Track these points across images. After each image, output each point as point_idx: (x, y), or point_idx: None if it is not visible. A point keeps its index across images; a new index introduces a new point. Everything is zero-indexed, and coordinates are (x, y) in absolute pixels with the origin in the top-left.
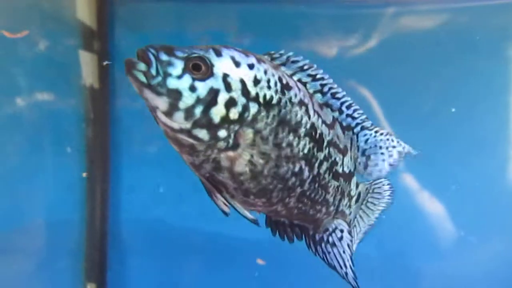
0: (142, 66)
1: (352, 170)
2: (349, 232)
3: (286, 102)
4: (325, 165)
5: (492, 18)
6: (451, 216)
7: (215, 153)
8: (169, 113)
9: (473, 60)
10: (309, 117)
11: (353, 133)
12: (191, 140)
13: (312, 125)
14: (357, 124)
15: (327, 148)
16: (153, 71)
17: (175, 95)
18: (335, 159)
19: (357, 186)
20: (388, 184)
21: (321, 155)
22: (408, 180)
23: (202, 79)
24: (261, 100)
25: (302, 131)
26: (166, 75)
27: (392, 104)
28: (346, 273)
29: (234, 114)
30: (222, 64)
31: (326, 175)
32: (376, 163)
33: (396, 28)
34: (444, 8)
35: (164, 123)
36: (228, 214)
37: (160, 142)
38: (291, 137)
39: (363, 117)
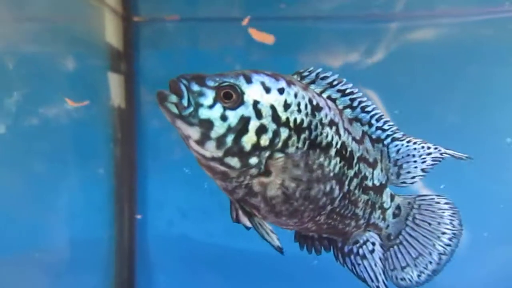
0: (173, 98)
1: (383, 182)
2: (381, 246)
3: (317, 124)
4: (355, 182)
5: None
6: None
7: (248, 179)
8: (201, 142)
9: (481, 70)
10: (340, 136)
11: (383, 145)
12: (223, 168)
13: (343, 143)
14: (388, 136)
15: (357, 165)
16: (185, 102)
17: (207, 125)
18: (365, 174)
19: (392, 199)
20: (446, 203)
21: (351, 172)
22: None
23: (233, 108)
24: (291, 124)
25: (332, 151)
26: (198, 105)
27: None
28: (378, 287)
29: (265, 141)
30: (252, 91)
31: (356, 191)
32: (408, 171)
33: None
34: (447, 23)
35: (197, 151)
36: (249, 228)
37: (185, 161)
38: (322, 158)
39: (394, 128)
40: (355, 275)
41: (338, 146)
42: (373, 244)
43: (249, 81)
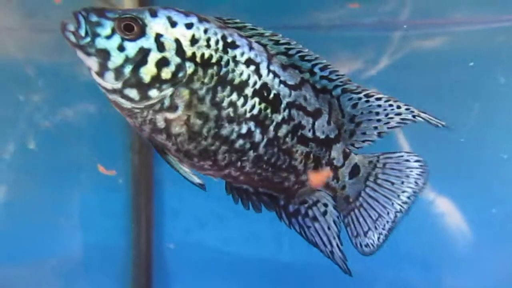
0: (71, 26)
1: (331, 136)
2: (335, 207)
3: (228, 61)
4: (284, 128)
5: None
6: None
7: (151, 114)
8: (100, 73)
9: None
10: (260, 77)
11: (332, 96)
12: (124, 101)
13: (264, 85)
14: (336, 86)
15: (287, 110)
16: (82, 32)
17: (104, 55)
18: (299, 122)
19: (346, 156)
20: (417, 161)
21: (277, 117)
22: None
23: (133, 40)
24: (198, 59)
25: (249, 90)
26: (95, 35)
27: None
28: (332, 252)
29: (166, 73)
30: (156, 24)
31: (288, 139)
32: (364, 132)
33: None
34: (451, 31)
35: (99, 84)
36: (203, 186)
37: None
38: (234, 96)
39: (344, 78)
40: (305, 238)
41: (257, 86)
42: (325, 205)
43: (154, 15)
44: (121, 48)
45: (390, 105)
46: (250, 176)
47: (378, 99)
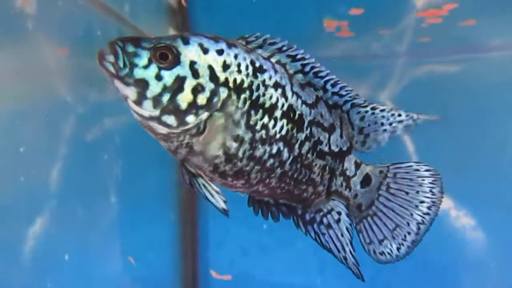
0: (111, 58)
1: (343, 148)
2: (348, 215)
3: (258, 85)
4: (307, 145)
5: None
6: None
7: (188, 139)
8: (138, 102)
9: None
10: (287, 99)
11: (342, 111)
12: (161, 127)
13: (290, 106)
14: (346, 102)
15: (309, 128)
16: (121, 63)
17: (142, 84)
18: (318, 138)
19: (358, 167)
20: (427, 170)
21: (301, 136)
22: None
23: (169, 68)
24: (231, 84)
25: (278, 113)
26: (133, 66)
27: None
28: (345, 258)
29: (202, 99)
30: (189, 52)
31: (309, 155)
32: (375, 139)
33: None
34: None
35: (136, 111)
36: (227, 212)
37: (244, 201)
38: (266, 119)
39: (352, 94)
40: (320, 245)
41: (285, 108)
42: (339, 213)
43: (186, 42)
44: (158, 77)
45: (392, 115)
46: (274, 190)
47: (382, 110)
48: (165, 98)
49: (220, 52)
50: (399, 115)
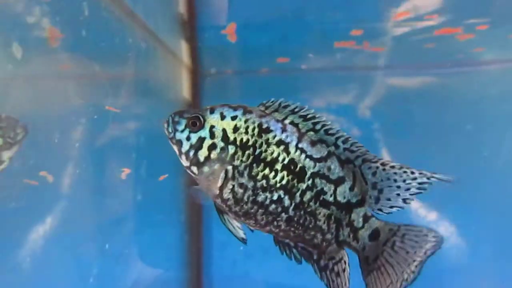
0: (165, 125)
1: (352, 200)
2: (348, 264)
3: (261, 143)
4: (308, 194)
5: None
6: None
7: None
8: (179, 156)
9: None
10: (288, 154)
11: (354, 165)
12: (192, 174)
13: (292, 160)
14: (357, 157)
15: (311, 179)
16: (170, 129)
17: (179, 143)
18: (322, 188)
19: (366, 220)
20: (434, 237)
21: (302, 186)
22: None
23: (195, 131)
24: (238, 143)
25: (279, 165)
26: (175, 131)
27: None
28: None
29: (214, 154)
30: (211, 119)
31: (312, 203)
32: (388, 198)
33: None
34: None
35: (181, 162)
36: (245, 241)
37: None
38: (267, 171)
39: (363, 150)
40: None
41: (286, 161)
42: (345, 263)
43: (212, 112)
44: (188, 138)
45: (405, 172)
46: (287, 232)
47: (392, 167)
48: (191, 153)
49: (234, 118)
50: (412, 172)
